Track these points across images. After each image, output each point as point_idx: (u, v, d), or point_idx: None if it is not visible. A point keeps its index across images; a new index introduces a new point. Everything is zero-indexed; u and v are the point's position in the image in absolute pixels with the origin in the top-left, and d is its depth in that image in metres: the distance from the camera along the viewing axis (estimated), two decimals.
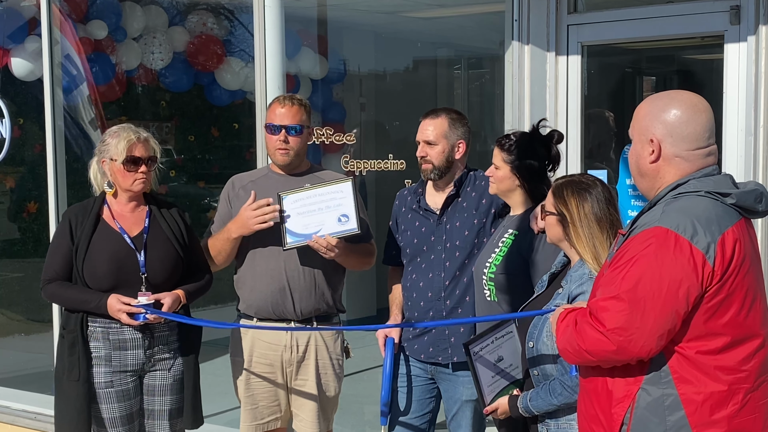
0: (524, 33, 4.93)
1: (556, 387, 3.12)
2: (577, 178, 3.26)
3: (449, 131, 4.04)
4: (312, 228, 4.05)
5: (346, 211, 4.04)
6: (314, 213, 4.06)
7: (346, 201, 4.04)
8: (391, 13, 7.84)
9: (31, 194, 7.46)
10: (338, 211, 4.05)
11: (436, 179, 4.09)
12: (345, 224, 4.04)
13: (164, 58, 7.23)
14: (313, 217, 4.06)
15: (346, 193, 4.05)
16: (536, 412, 3.21)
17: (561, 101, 4.99)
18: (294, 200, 4.09)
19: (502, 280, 3.75)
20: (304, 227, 4.06)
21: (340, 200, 4.05)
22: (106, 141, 4.03)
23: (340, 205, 4.05)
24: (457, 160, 4.06)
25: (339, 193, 4.06)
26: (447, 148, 4.04)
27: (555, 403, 3.13)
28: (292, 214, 4.07)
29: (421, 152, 4.07)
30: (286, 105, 4.18)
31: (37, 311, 7.42)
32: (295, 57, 7.04)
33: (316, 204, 4.07)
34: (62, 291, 3.99)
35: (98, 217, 4.02)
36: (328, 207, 4.05)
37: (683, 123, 2.62)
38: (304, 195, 4.09)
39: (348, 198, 4.04)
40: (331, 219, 4.05)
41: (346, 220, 4.04)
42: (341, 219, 4.04)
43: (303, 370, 4.21)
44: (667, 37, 5.07)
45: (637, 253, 2.52)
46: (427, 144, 4.05)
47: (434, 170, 4.05)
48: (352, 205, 4.04)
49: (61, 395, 3.99)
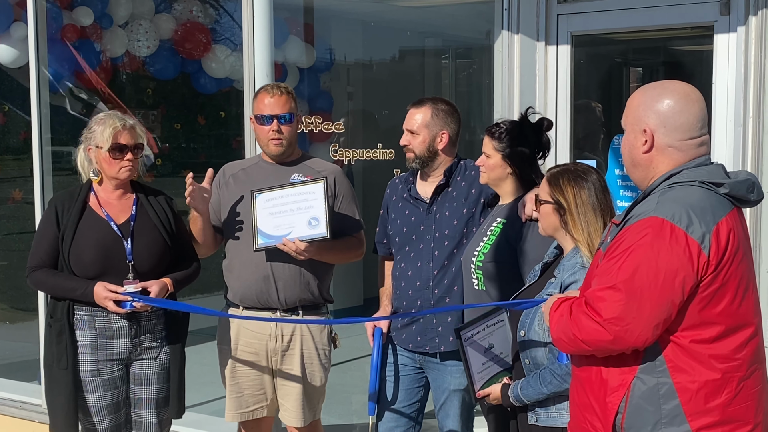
0: (514, 22, 4.92)
1: (546, 376, 3.13)
2: (572, 167, 3.26)
3: (431, 121, 4.03)
4: (282, 230, 4.02)
5: (317, 214, 4.00)
6: (285, 214, 4.03)
7: (317, 203, 4.01)
8: (379, 2, 7.81)
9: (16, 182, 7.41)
10: (309, 213, 4.01)
11: (418, 168, 4.09)
12: (315, 228, 4.00)
13: (150, 46, 7.18)
14: (284, 218, 4.03)
15: (317, 195, 4.01)
16: (527, 401, 3.21)
17: (550, 91, 4.99)
18: (266, 199, 4.06)
19: (491, 268, 3.75)
20: (275, 228, 4.04)
21: (311, 202, 4.01)
22: (92, 128, 4.00)
23: (311, 207, 4.01)
24: (440, 150, 4.05)
25: (311, 194, 4.02)
26: (428, 138, 4.03)
27: (545, 392, 3.14)
28: (263, 214, 4.05)
29: (404, 141, 4.09)
30: (275, 94, 4.16)
31: (22, 300, 7.38)
32: (282, 45, 7.00)
33: (288, 205, 4.04)
34: (48, 278, 3.96)
35: (85, 205, 4.00)
36: (299, 208, 4.02)
37: (676, 113, 2.63)
38: (276, 194, 4.06)
39: (319, 200, 4.00)
40: (302, 222, 4.01)
41: (316, 224, 4.00)
42: (311, 222, 4.01)
43: (288, 359, 4.20)
44: (657, 27, 5.07)
45: (633, 243, 2.53)
46: (411, 133, 4.05)
47: (416, 159, 4.06)
48: (323, 207, 4.00)
49: (52, 384, 3.97)
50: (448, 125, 4.05)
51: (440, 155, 4.06)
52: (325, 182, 4.02)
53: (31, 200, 6.36)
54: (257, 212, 4.05)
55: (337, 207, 4.23)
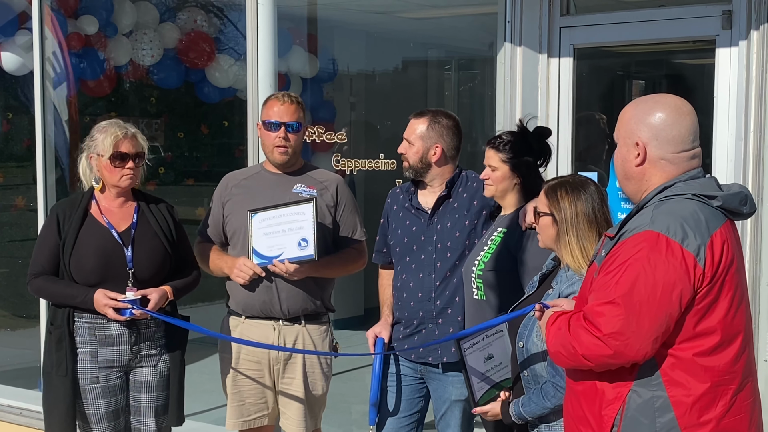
0: (517, 35, 4.94)
1: (549, 389, 3.12)
2: (570, 179, 3.27)
3: (426, 134, 4.04)
4: (275, 251, 4.05)
5: (306, 235, 4.01)
6: (278, 234, 4.05)
7: (306, 224, 4.01)
8: (382, 13, 7.84)
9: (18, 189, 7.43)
10: (299, 234, 4.02)
11: (412, 177, 4.12)
12: (304, 249, 4.02)
13: (154, 55, 7.21)
14: (276, 239, 4.05)
15: (307, 215, 4.02)
16: (529, 418, 3.20)
17: (552, 103, 5.01)
18: (261, 219, 4.08)
19: (491, 277, 3.75)
20: (268, 249, 4.06)
21: (301, 222, 4.02)
22: (93, 136, 4.01)
23: (301, 228, 4.02)
24: (433, 163, 4.06)
25: (301, 215, 4.03)
26: (422, 150, 4.04)
27: (548, 406, 3.13)
28: (258, 234, 4.07)
29: (401, 149, 4.11)
30: (285, 102, 4.17)
31: (23, 307, 7.39)
32: (285, 55, 7.03)
33: (280, 225, 4.05)
34: (49, 285, 3.97)
35: (86, 212, 4.01)
36: (290, 229, 4.04)
37: (668, 126, 2.64)
38: (270, 214, 4.07)
39: (308, 221, 4.01)
40: (292, 243, 4.03)
41: (306, 245, 4.01)
42: (301, 243, 4.02)
43: (290, 368, 4.20)
44: (659, 40, 5.09)
45: (630, 257, 2.54)
46: (407, 142, 4.08)
47: (410, 169, 4.09)
48: (311, 228, 4.00)
49: (50, 391, 3.97)
50: (443, 139, 4.05)
51: (434, 168, 4.07)
52: (315, 203, 4.03)
53: (34, 208, 6.38)
54: (252, 232, 4.08)
55: (338, 217, 4.23)
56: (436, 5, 7.57)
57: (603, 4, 5.49)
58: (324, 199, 4.19)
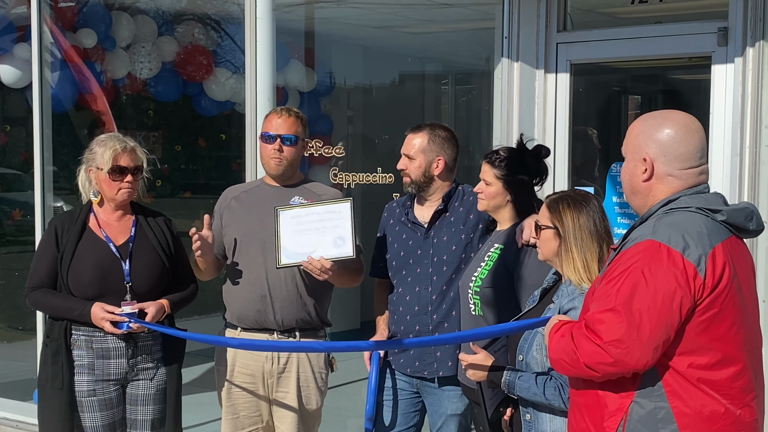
0: (514, 50, 4.97)
1: (551, 386, 3.08)
2: (572, 193, 3.29)
3: (428, 147, 4.07)
4: (307, 248, 3.97)
5: (343, 234, 3.96)
6: (310, 232, 3.99)
7: (343, 223, 3.97)
8: (379, 27, 7.87)
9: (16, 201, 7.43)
10: (335, 232, 3.97)
11: (414, 192, 4.12)
12: (341, 247, 3.96)
13: (152, 68, 7.22)
14: (309, 236, 3.98)
15: (344, 214, 3.98)
16: (517, 393, 3.18)
17: (549, 118, 5.03)
18: (291, 216, 4.03)
19: (488, 293, 3.76)
20: (299, 246, 3.98)
21: (337, 221, 3.98)
22: (93, 149, 4.02)
23: (337, 227, 3.97)
24: (435, 176, 4.08)
25: (337, 213, 3.99)
26: (424, 164, 4.06)
27: (540, 397, 3.08)
28: (287, 232, 4.00)
29: (401, 165, 4.13)
30: (282, 115, 4.20)
31: (19, 319, 7.38)
32: (283, 69, 7.05)
33: (313, 223, 4.00)
34: (46, 298, 3.97)
35: (84, 225, 4.01)
36: (324, 227, 3.98)
37: (676, 142, 2.66)
38: (301, 212, 4.02)
39: (345, 220, 3.97)
40: (327, 240, 3.97)
41: (342, 243, 3.96)
42: (337, 241, 3.96)
43: (284, 381, 4.20)
44: (655, 57, 5.12)
45: (630, 266, 2.55)
46: (407, 158, 4.09)
47: (412, 184, 4.10)
48: (349, 227, 3.96)
49: (44, 403, 3.97)
50: (444, 151, 4.08)
51: (436, 181, 4.09)
52: (352, 202, 4.02)
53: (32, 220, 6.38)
54: (281, 229, 4.00)
55: None
56: (434, 20, 7.60)
57: (599, 20, 5.52)
58: None
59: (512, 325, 3.31)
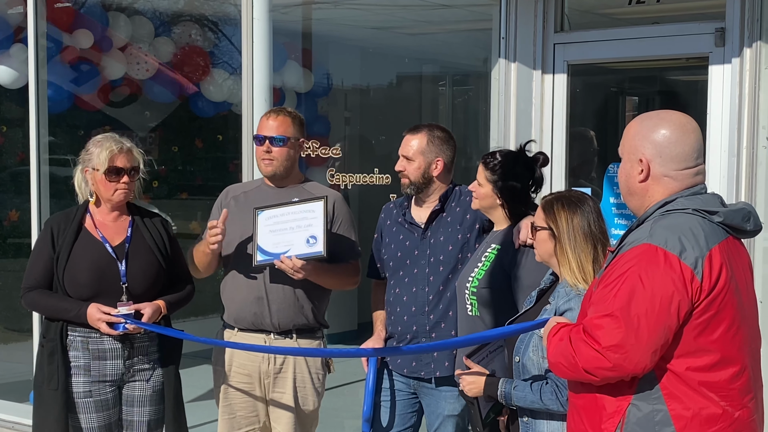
0: (511, 51, 4.97)
1: (547, 391, 3.09)
2: (567, 194, 3.29)
3: (427, 148, 4.06)
4: (281, 247, 4.02)
5: (315, 233, 3.99)
6: (285, 232, 4.03)
7: (316, 222, 4.00)
8: (377, 29, 7.88)
9: (12, 202, 7.42)
10: (308, 231, 4.00)
11: (413, 194, 4.12)
12: (312, 246, 3.99)
13: (149, 69, 7.22)
14: (283, 236, 4.03)
15: (317, 213, 4.01)
16: (515, 403, 3.19)
17: (546, 119, 5.03)
18: (268, 216, 4.06)
19: (485, 294, 3.76)
20: (274, 245, 4.03)
21: (310, 220, 4.01)
22: (89, 150, 4.01)
23: (310, 226, 4.00)
24: (434, 177, 4.08)
25: (310, 212, 4.02)
26: (423, 165, 4.06)
27: (538, 403, 3.08)
28: (264, 231, 4.05)
29: (399, 167, 4.11)
30: (272, 117, 4.21)
31: (15, 320, 7.37)
32: (280, 70, 7.05)
33: (288, 222, 4.04)
34: (42, 299, 3.96)
35: (80, 226, 4.00)
36: (299, 226, 4.02)
37: (672, 143, 2.65)
38: (277, 212, 4.06)
39: (318, 219, 4.00)
40: (300, 239, 4.01)
41: (314, 242, 3.99)
42: (309, 240, 4.00)
43: (280, 382, 4.19)
44: (653, 57, 5.12)
45: (627, 269, 2.55)
46: (406, 159, 4.08)
47: (411, 185, 4.09)
48: (321, 226, 3.99)
49: (40, 405, 3.96)
50: (443, 152, 4.08)
51: (435, 182, 4.09)
52: (325, 201, 4.03)
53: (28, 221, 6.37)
54: (258, 229, 4.06)
55: (334, 232, 4.23)
56: (431, 21, 7.60)
57: (597, 21, 5.53)
58: None
59: (509, 329, 3.30)
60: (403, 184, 4.12)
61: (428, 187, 4.09)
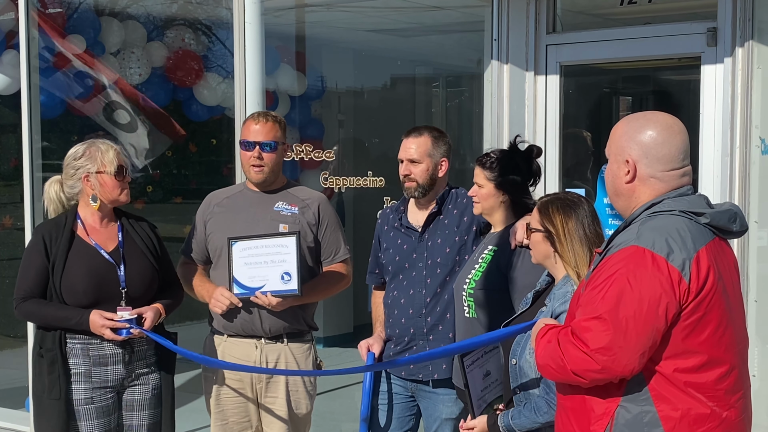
0: (503, 52, 4.97)
1: (542, 405, 3.12)
2: (562, 196, 3.29)
3: (433, 149, 4.05)
4: (257, 282, 4.04)
5: (289, 269, 4.01)
6: (260, 266, 4.04)
7: (289, 258, 4.01)
8: (370, 31, 7.88)
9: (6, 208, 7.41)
10: (282, 267, 4.02)
11: (420, 197, 4.09)
12: (287, 283, 4.01)
13: (142, 73, 7.21)
14: (258, 270, 4.04)
15: (290, 249, 4.01)
16: (518, 431, 3.20)
17: (539, 120, 5.03)
18: (242, 248, 4.06)
19: (481, 296, 3.76)
20: (249, 279, 4.05)
21: (284, 255, 4.02)
22: (86, 156, 3.95)
23: (284, 261, 4.02)
24: (440, 178, 4.08)
25: (284, 247, 4.03)
26: (431, 166, 4.05)
27: (540, 421, 3.12)
28: (239, 263, 4.06)
29: (406, 170, 4.07)
30: (260, 121, 4.17)
31: (10, 327, 7.35)
32: (273, 73, 7.05)
33: (262, 256, 4.04)
34: (39, 309, 3.92)
35: (72, 234, 3.98)
36: (273, 261, 4.03)
37: (658, 144, 2.65)
38: (251, 244, 4.06)
39: (291, 255, 4.01)
40: (275, 275, 4.02)
41: (289, 279, 4.01)
42: (284, 277, 4.02)
43: (272, 387, 4.19)
44: (645, 58, 5.13)
45: (615, 272, 2.55)
46: (411, 162, 4.06)
47: (418, 188, 4.06)
48: (294, 263, 4.00)
49: (41, 414, 3.92)
50: (447, 153, 4.09)
51: (437, 184, 4.09)
52: (298, 236, 4.03)
53: (22, 227, 6.36)
54: (233, 261, 4.07)
55: (320, 235, 4.22)
56: (424, 23, 7.61)
57: (589, 21, 5.53)
58: (306, 217, 4.19)
59: (503, 332, 3.30)
60: (409, 188, 4.08)
61: (432, 189, 4.08)
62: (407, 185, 4.08)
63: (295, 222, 4.14)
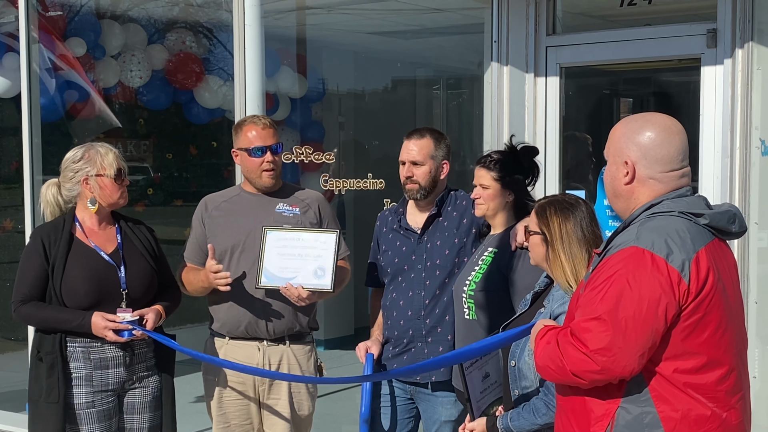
0: (503, 54, 4.97)
1: (540, 407, 3.11)
2: (560, 198, 3.28)
3: (435, 151, 4.05)
4: (288, 273, 3.99)
5: (324, 265, 3.98)
6: (294, 258, 4.00)
7: (327, 254, 3.98)
8: (370, 33, 7.88)
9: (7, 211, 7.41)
10: (317, 262, 3.98)
11: (421, 199, 4.08)
12: (320, 279, 3.98)
13: (143, 76, 7.22)
14: (291, 262, 4.00)
15: (328, 245, 3.98)
16: None
17: (539, 122, 5.03)
18: (277, 238, 4.02)
19: (481, 297, 3.75)
20: (280, 270, 4.00)
21: (321, 251, 3.99)
22: (85, 159, 3.95)
23: (320, 257, 3.98)
24: (441, 180, 4.07)
25: (322, 243, 3.99)
26: (433, 168, 4.04)
27: (539, 423, 3.12)
28: (272, 253, 4.01)
29: (408, 172, 4.06)
30: (265, 126, 4.16)
31: (11, 330, 7.35)
32: (274, 76, 7.05)
33: (298, 249, 4.01)
34: (39, 312, 3.91)
35: (71, 236, 3.97)
36: (308, 255, 3.99)
37: (657, 145, 2.65)
38: (288, 235, 4.02)
39: (329, 251, 3.98)
40: (308, 269, 3.99)
41: (322, 275, 3.98)
42: (318, 272, 3.98)
43: (275, 388, 4.19)
44: (645, 59, 5.12)
45: (614, 272, 2.54)
46: (413, 164, 4.05)
47: (420, 190, 4.05)
48: (331, 259, 3.97)
49: (37, 418, 3.90)
50: (448, 155, 4.09)
51: (438, 185, 4.08)
52: (338, 235, 4.01)
53: (22, 230, 6.36)
54: (266, 249, 4.01)
55: None
56: (424, 25, 7.61)
57: (589, 23, 5.54)
58: (307, 217, 4.19)
59: (501, 337, 3.29)
60: (410, 190, 4.07)
61: (433, 191, 4.08)
62: (409, 187, 4.07)
63: (298, 223, 4.14)
